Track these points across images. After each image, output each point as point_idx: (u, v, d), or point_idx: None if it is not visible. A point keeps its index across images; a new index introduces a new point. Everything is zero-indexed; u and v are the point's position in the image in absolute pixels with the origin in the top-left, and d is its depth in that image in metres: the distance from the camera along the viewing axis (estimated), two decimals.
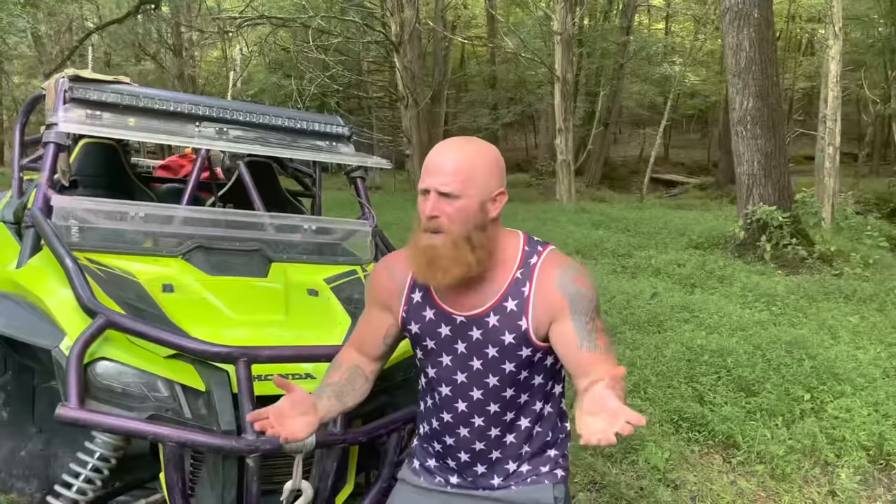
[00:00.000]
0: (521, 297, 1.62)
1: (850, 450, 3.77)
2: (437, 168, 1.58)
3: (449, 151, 1.60)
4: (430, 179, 1.58)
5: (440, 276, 1.58)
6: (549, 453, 1.78)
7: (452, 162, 1.57)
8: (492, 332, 1.63)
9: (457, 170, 1.56)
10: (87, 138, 3.94)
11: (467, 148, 1.60)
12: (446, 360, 1.69)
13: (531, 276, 1.62)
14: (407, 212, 13.11)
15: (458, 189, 1.55)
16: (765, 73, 8.68)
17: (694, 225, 11.38)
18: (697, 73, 23.80)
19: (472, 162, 1.58)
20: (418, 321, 1.71)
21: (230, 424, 1.97)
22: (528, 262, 1.64)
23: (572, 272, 1.63)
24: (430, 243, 1.58)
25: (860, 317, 6.28)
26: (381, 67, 21.96)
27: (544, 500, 1.73)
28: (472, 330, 1.64)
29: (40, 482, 2.46)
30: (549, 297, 1.60)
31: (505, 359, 1.64)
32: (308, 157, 3.27)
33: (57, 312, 2.12)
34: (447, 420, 1.73)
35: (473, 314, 1.64)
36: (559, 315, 1.60)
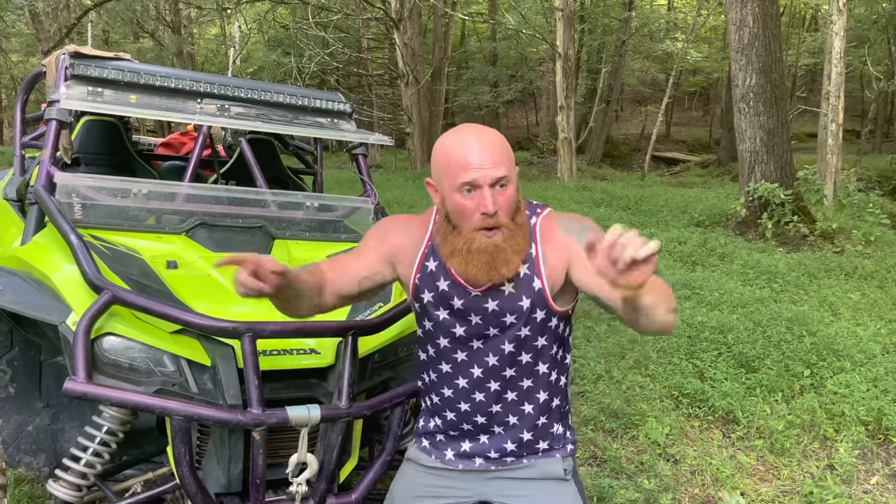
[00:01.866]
0: (531, 259, 1.60)
1: (849, 425, 3.81)
2: (482, 159, 1.49)
3: (481, 138, 1.52)
4: (479, 172, 1.49)
5: (505, 271, 1.55)
6: (560, 425, 1.79)
7: (491, 148, 1.51)
8: (508, 300, 1.61)
9: (501, 155, 1.51)
10: (88, 115, 3.93)
11: (490, 133, 1.54)
12: (459, 330, 1.67)
13: (534, 236, 1.61)
14: (407, 191, 13.09)
15: (507, 170, 1.51)
16: (768, 49, 8.61)
17: (695, 203, 11.37)
18: (700, 49, 23.63)
19: (502, 143, 1.55)
20: (432, 290, 1.68)
21: (236, 399, 1.99)
22: (529, 223, 1.63)
23: (567, 217, 1.64)
24: (493, 242, 1.52)
25: (861, 294, 6.30)
26: (380, 44, 21.82)
27: (555, 472, 1.75)
28: (487, 302, 1.63)
29: (48, 456, 2.49)
30: (556, 243, 1.60)
31: (521, 325, 1.63)
32: (309, 134, 3.26)
33: (63, 288, 2.13)
34: (462, 386, 1.72)
35: (488, 287, 1.62)
36: (573, 253, 1.57)
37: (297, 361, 2.18)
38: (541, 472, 1.75)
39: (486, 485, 1.78)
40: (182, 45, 21.11)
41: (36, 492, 2.93)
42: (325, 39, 17.36)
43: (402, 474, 1.89)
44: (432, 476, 1.81)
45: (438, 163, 1.56)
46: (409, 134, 18.13)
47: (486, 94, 24.55)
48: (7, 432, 2.44)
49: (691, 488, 3.30)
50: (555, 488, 1.75)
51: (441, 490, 1.80)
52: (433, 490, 1.80)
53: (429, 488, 1.81)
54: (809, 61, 23.51)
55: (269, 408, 1.97)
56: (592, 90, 22.47)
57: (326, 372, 2.22)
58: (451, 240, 1.57)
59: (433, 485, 1.80)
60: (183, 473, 1.95)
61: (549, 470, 1.75)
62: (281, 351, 2.17)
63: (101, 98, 2.93)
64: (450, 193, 1.54)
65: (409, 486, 1.84)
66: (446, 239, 1.59)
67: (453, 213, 1.56)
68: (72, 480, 2.16)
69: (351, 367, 2.09)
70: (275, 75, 19.41)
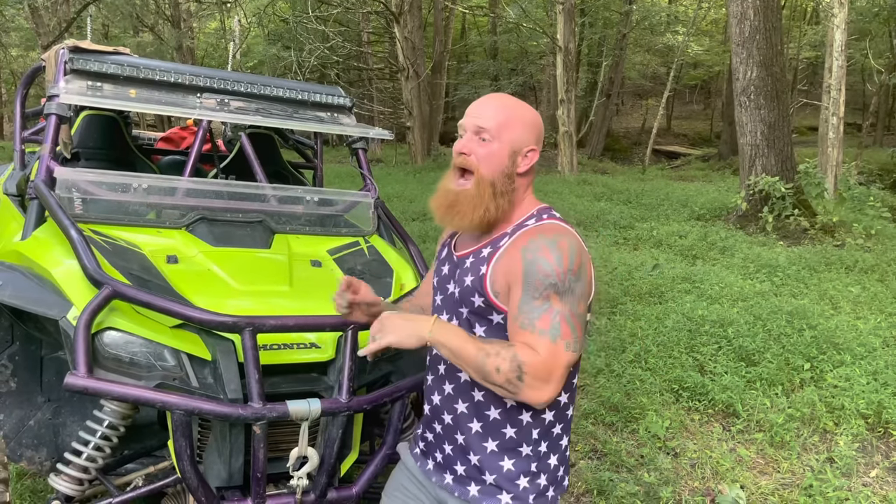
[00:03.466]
0: (496, 247, 1.57)
1: (849, 418, 3.82)
2: (478, 108, 1.60)
3: (493, 97, 1.63)
4: (468, 118, 1.60)
5: (457, 220, 1.60)
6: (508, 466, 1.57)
7: (494, 106, 1.60)
8: (462, 272, 1.61)
9: (497, 112, 1.58)
10: (87, 110, 3.92)
11: (510, 99, 1.63)
12: (437, 299, 1.71)
13: (516, 233, 1.56)
14: (408, 185, 13.08)
15: (493, 130, 1.57)
16: (769, 43, 8.60)
17: (696, 196, 11.37)
18: (701, 42, 23.58)
19: (512, 111, 1.60)
20: (438, 258, 1.78)
21: (237, 393, 2.00)
22: (526, 223, 1.58)
23: (545, 243, 1.48)
24: (455, 189, 1.60)
25: (861, 287, 6.30)
26: (381, 38, 21.76)
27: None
28: (459, 268, 1.64)
29: (49, 451, 2.50)
30: (511, 257, 1.51)
31: (462, 301, 1.59)
32: (310, 128, 3.25)
33: (63, 283, 2.13)
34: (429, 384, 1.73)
35: (463, 253, 1.67)
36: (513, 280, 1.49)
37: (297, 356, 2.18)
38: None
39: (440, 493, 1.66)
40: (182, 39, 21.07)
41: (38, 486, 2.94)
42: (325, 33, 17.31)
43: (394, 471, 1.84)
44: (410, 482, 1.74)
45: None
46: (409, 128, 18.10)
47: (487, 88, 24.49)
48: (9, 427, 2.45)
49: (691, 481, 3.31)
50: None
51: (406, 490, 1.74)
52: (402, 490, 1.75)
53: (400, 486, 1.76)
54: (810, 54, 23.45)
55: (270, 402, 1.97)
56: (593, 84, 22.44)
57: (327, 366, 2.22)
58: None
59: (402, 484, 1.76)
60: (184, 467, 1.95)
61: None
62: (281, 345, 2.18)
63: (101, 92, 2.93)
64: None
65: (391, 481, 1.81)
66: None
67: None
68: (73, 474, 2.17)
69: (351, 361, 2.09)
70: (275, 69, 19.36)
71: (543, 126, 1.67)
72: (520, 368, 1.40)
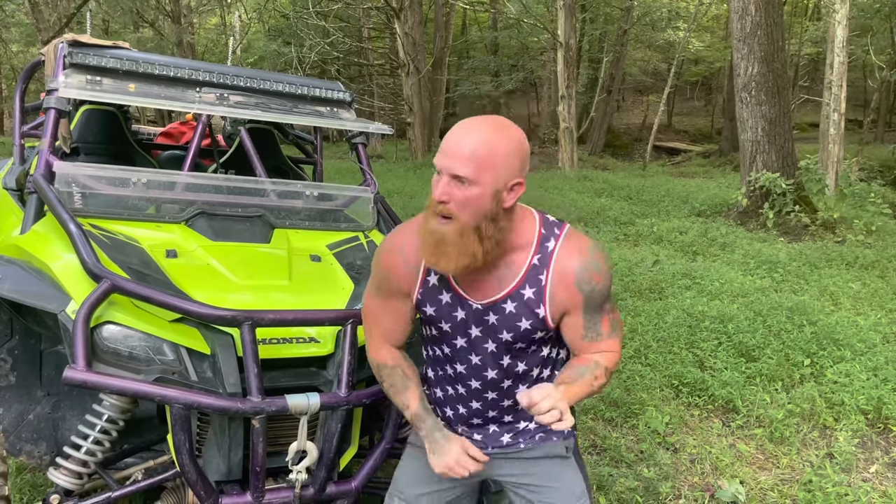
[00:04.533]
0: (539, 284, 1.59)
1: (849, 414, 3.82)
2: (454, 149, 1.46)
3: (469, 132, 1.47)
4: (444, 160, 1.48)
5: (444, 262, 1.52)
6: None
7: (470, 144, 1.45)
8: (508, 318, 1.62)
9: (473, 153, 1.45)
10: (87, 105, 3.92)
11: (489, 130, 1.48)
12: (461, 341, 1.69)
13: (548, 263, 1.59)
14: (408, 181, 13.07)
15: (471, 175, 1.45)
16: (770, 38, 8.58)
17: (697, 193, 11.36)
18: (702, 38, 23.54)
19: (492, 147, 1.46)
20: (434, 304, 1.67)
21: (235, 387, 1.99)
22: (545, 245, 1.59)
23: (591, 266, 1.58)
24: (438, 229, 1.51)
25: (862, 283, 6.29)
26: (381, 34, 21.74)
27: (556, 451, 1.78)
28: (487, 315, 1.64)
29: (49, 445, 2.50)
30: (567, 291, 1.60)
31: (519, 340, 1.65)
32: (309, 123, 3.25)
33: (62, 277, 2.13)
34: (461, 392, 1.76)
35: (490, 301, 1.62)
36: (573, 309, 1.62)
37: (296, 350, 2.18)
38: (541, 452, 1.79)
39: (489, 465, 1.80)
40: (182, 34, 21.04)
41: (37, 480, 2.94)
42: (326, 29, 17.30)
43: (405, 459, 1.89)
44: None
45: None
46: (409, 124, 18.09)
47: (487, 84, 24.48)
48: (8, 421, 2.45)
49: (691, 477, 3.31)
50: (556, 466, 1.79)
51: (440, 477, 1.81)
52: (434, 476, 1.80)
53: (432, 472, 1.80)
54: (812, 50, 23.41)
55: (269, 396, 1.97)
56: (594, 80, 22.42)
57: (326, 360, 2.22)
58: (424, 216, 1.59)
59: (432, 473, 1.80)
60: (183, 461, 1.95)
61: (549, 450, 1.79)
62: (280, 340, 2.18)
63: (100, 87, 2.93)
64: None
65: (412, 470, 1.85)
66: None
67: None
68: (72, 468, 2.17)
69: (350, 355, 2.09)
70: (275, 65, 19.35)
71: (528, 146, 1.56)
72: (610, 373, 1.70)
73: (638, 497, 3.07)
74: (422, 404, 1.74)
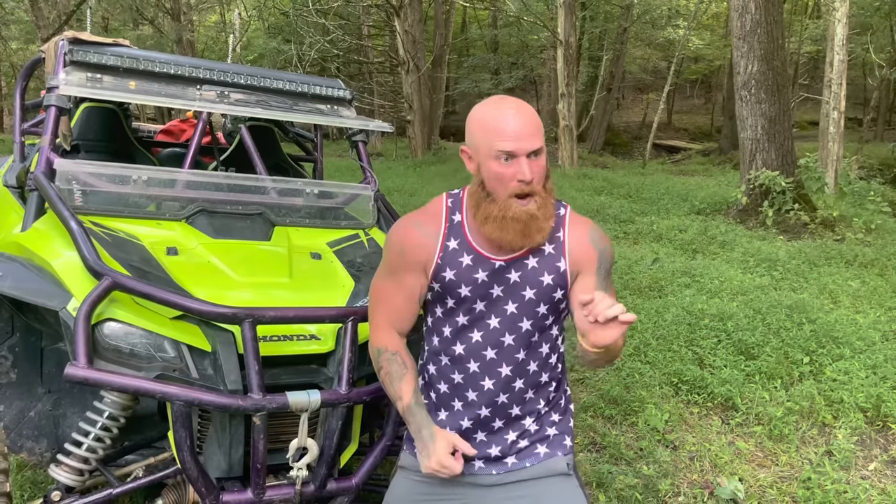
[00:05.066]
0: (557, 241, 1.69)
1: (848, 411, 3.82)
2: (522, 130, 1.56)
3: (519, 111, 1.58)
4: (520, 143, 1.55)
5: (539, 237, 1.62)
6: (559, 418, 1.80)
7: (527, 119, 1.57)
8: (531, 273, 1.67)
9: (536, 126, 1.58)
10: (87, 102, 3.92)
11: (525, 105, 1.61)
12: (480, 305, 1.68)
13: (563, 224, 1.71)
14: (408, 179, 13.07)
15: (541, 142, 1.59)
16: (770, 36, 8.58)
17: (696, 191, 11.36)
18: (702, 36, 23.53)
19: (537, 118, 1.61)
20: (454, 267, 1.67)
21: (236, 384, 2.00)
22: (558, 212, 1.73)
23: (599, 231, 1.73)
24: (527, 210, 1.59)
25: (861, 281, 6.30)
26: (381, 32, 21.72)
27: (558, 468, 1.75)
28: (510, 272, 1.67)
29: (50, 442, 2.51)
30: (583, 247, 1.69)
31: (540, 300, 1.68)
32: (309, 121, 3.25)
33: (63, 274, 2.14)
34: (473, 371, 1.70)
35: (512, 257, 1.67)
36: (586, 267, 1.69)
37: (297, 347, 2.19)
38: (543, 469, 1.74)
39: (488, 492, 1.74)
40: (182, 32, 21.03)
41: (38, 477, 2.95)
42: (326, 26, 17.28)
43: (395, 482, 1.83)
44: (428, 484, 1.76)
45: (475, 131, 1.61)
46: (409, 122, 18.08)
47: (487, 82, 24.45)
48: (9, 418, 2.46)
49: (690, 474, 3.32)
50: (558, 485, 1.73)
51: (439, 498, 1.76)
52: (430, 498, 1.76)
53: (426, 497, 1.76)
54: (812, 48, 23.40)
55: (270, 393, 1.98)
56: (594, 78, 22.39)
57: (327, 358, 2.23)
58: (486, 206, 1.61)
59: (430, 493, 1.76)
60: (184, 458, 1.96)
61: (551, 467, 1.74)
62: (281, 337, 2.18)
63: (100, 84, 2.93)
64: (487, 160, 1.59)
65: (404, 496, 1.79)
66: (480, 205, 1.62)
67: (489, 180, 1.60)
68: (74, 465, 2.18)
69: (351, 352, 2.10)
70: (275, 63, 19.32)
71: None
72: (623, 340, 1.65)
73: (637, 494, 3.08)
74: (415, 397, 1.71)
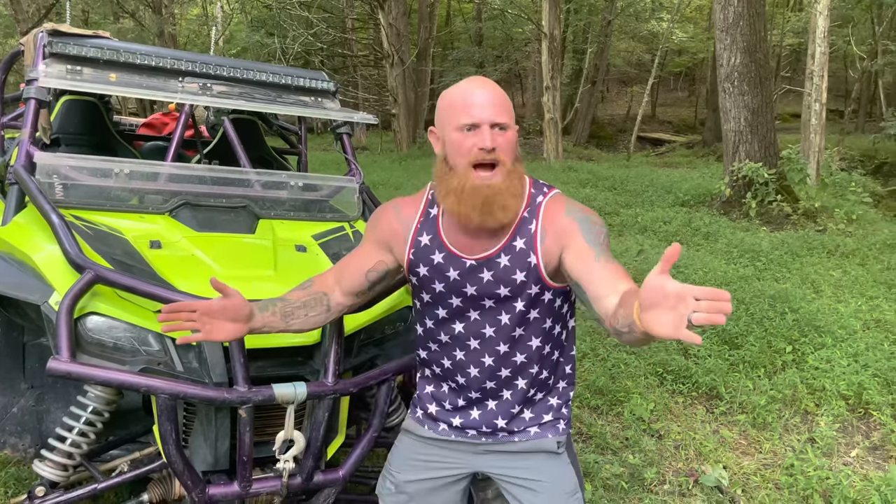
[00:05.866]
0: (529, 234, 1.62)
1: (830, 399, 3.87)
2: (486, 100, 1.55)
3: (485, 86, 1.58)
4: (483, 111, 1.54)
5: (500, 214, 1.56)
6: (552, 401, 1.80)
7: (495, 93, 1.57)
8: (503, 272, 1.63)
9: (503, 100, 1.57)
10: (67, 95, 3.87)
11: (494, 84, 1.60)
12: (456, 301, 1.69)
13: (537, 214, 1.63)
14: (394, 172, 13.03)
15: (508, 119, 1.57)
16: (753, 28, 8.63)
17: (680, 183, 11.42)
18: (685, 29, 23.62)
19: (506, 97, 1.60)
20: (427, 264, 1.69)
21: (222, 377, 1.99)
22: (535, 201, 1.65)
23: (580, 206, 1.65)
24: (488, 181, 1.54)
25: (842, 271, 6.37)
26: (365, 25, 21.61)
27: (546, 447, 1.76)
28: (482, 272, 1.64)
29: (33, 437, 2.48)
30: (557, 224, 1.60)
31: (517, 296, 1.64)
32: (293, 113, 3.23)
33: (45, 268, 2.11)
34: (459, 358, 1.73)
35: (483, 256, 1.63)
36: (570, 238, 1.57)
37: (282, 339, 2.18)
38: (532, 446, 1.76)
39: (479, 457, 1.80)
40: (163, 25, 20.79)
41: (22, 474, 2.92)
42: (309, 20, 17.17)
43: (398, 444, 1.90)
44: (427, 446, 1.83)
45: (443, 107, 1.62)
46: (394, 115, 18.03)
47: (472, 75, 24.39)
48: None
49: (675, 462, 3.34)
50: (547, 461, 1.77)
51: (435, 461, 1.82)
52: (428, 460, 1.82)
53: (424, 458, 1.82)
54: (794, 41, 23.56)
55: (256, 386, 1.97)
56: (578, 71, 22.44)
57: (313, 350, 2.22)
58: (447, 180, 1.58)
59: (428, 454, 1.82)
60: (169, 452, 1.95)
61: (540, 445, 1.76)
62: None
63: (80, 76, 2.89)
64: (450, 133, 1.58)
65: (405, 456, 1.86)
66: (443, 180, 1.60)
67: (451, 153, 1.58)
68: (57, 460, 2.15)
69: (337, 344, 2.09)
70: (258, 56, 19.18)
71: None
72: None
73: (623, 483, 3.10)
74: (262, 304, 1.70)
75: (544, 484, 1.75)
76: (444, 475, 1.83)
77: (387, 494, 1.87)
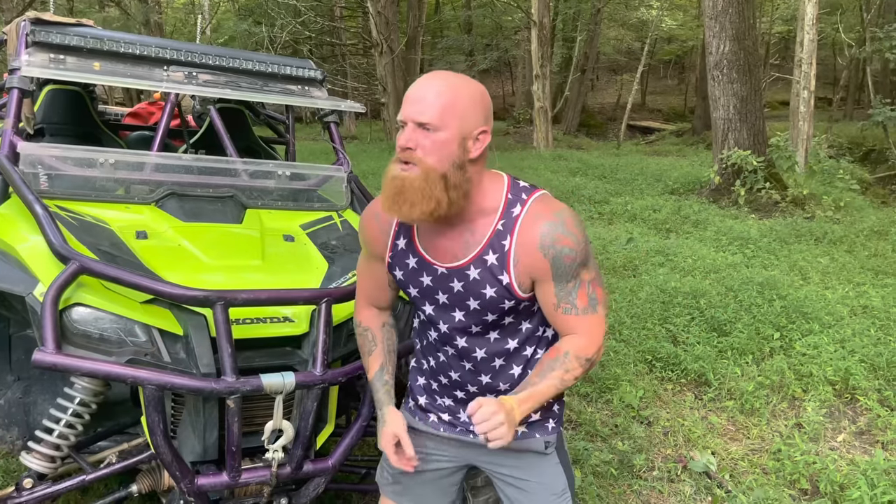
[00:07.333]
0: (502, 250, 1.54)
1: (817, 385, 3.90)
2: (417, 97, 1.47)
3: (432, 81, 1.49)
4: (408, 108, 1.47)
5: (406, 209, 1.49)
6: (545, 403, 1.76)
7: (434, 91, 1.46)
8: (472, 284, 1.57)
9: (437, 99, 1.45)
10: (51, 84, 3.83)
11: (451, 79, 1.49)
12: (429, 308, 1.67)
13: (512, 229, 1.53)
14: (382, 162, 13.00)
15: (436, 120, 1.45)
16: (741, 16, 8.63)
17: (670, 171, 11.45)
18: (675, 17, 23.62)
19: (456, 93, 1.47)
20: (402, 268, 1.67)
21: (209, 367, 1.98)
22: (511, 212, 1.54)
23: (556, 229, 1.51)
24: (399, 175, 1.49)
25: (830, 258, 6.41)
26: (353, 13, 21.48)
27: (534, 447, 1.74)
28: (452, 281, 1.60)
29: (21, 430, 2.47)
30: (531, 257, 1.53)
31: (487, 310, 1.60)
32: (280, 101, 3.21)
33: (29, 259, 2.09)
34: (442, 360, 1.73)
35: (454, 266, 1.58)
36: (541, 277, 1.54)
37: (270, 330, 2.17)
38: (520, 445, 1.74)
39: (471, 452, 1.79)
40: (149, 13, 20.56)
41: (10, 466, 2.91)
42: (297, 8, 17.04)
43: None
44: (421, 437, 1.82)
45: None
46: (383, 104, 17.95)
47: (462, 63, 24.35)
48: None
49: (664, 449, 3.37)
50: (537, 460, 1.76)
51: (429, 453, 1.81)
52: (422, 452, 1.81)
53: (418, 450, 1.81)
54: (782, 29, 23.60)
55: (244, 376, 1.96)
56: (568, 59, 22.41)
57: (301, 340, 2.21)
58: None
59: (420, 446, 1.81)
60: (158, 442, 1.94)
61: (528, 445, 1.75)
62: (254, 319, 2.16)
63: (64, 65, 2.86)
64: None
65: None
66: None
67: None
68: (45, 452, 2.14)
69: (325, 334, 2.08)
70: (246, 45, 19.02)
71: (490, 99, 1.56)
72: (588, 361, 1.60)
73: (613, 469, 3.12)
74: (378, 374, 1.77)
75: (532, 483, 1.75)
76: (438, 468, 1.82)
77: (385, 484, 1.88)
